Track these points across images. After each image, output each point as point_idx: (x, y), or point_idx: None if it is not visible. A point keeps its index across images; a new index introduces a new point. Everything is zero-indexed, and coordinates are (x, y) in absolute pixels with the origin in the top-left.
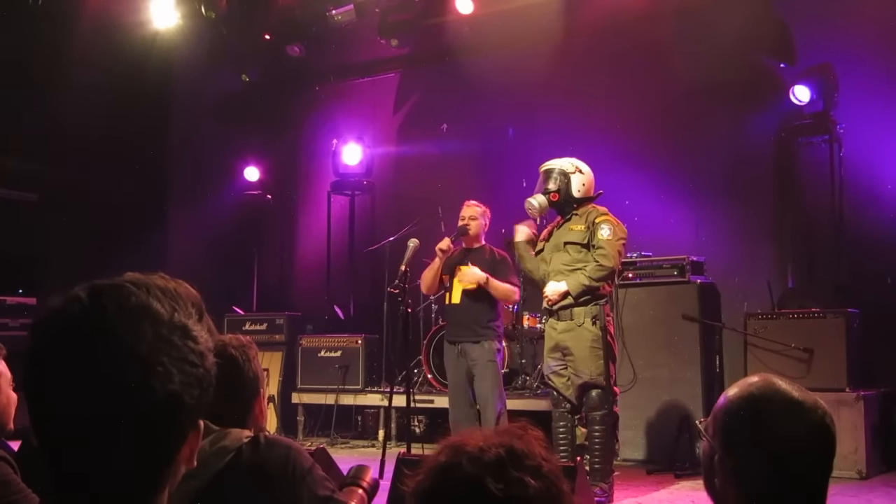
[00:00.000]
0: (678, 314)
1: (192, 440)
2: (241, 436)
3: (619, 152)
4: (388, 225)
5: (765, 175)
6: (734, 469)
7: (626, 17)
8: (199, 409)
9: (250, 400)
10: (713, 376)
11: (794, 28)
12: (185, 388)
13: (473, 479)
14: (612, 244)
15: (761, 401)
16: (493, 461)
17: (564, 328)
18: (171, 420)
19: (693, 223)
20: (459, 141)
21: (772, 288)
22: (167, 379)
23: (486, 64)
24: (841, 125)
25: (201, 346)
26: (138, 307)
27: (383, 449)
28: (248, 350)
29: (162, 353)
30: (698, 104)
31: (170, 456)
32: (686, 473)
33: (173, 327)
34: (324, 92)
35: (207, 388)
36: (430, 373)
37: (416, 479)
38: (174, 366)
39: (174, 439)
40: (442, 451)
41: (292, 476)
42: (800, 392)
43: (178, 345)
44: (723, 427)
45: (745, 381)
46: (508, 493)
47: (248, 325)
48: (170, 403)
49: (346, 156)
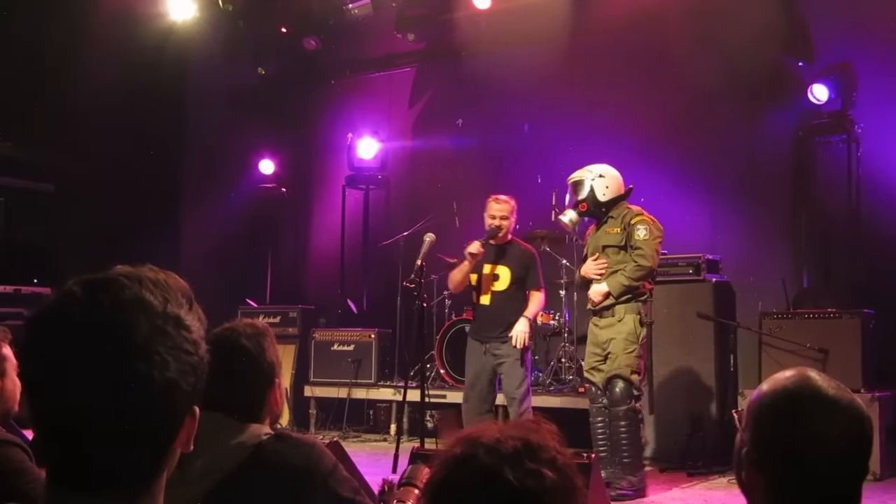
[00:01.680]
0: (693, 312)
1: (188, 426)
2: (260, 432)
3: (635, 149)
4: (402, 219)
5: (781, 174)
6: (760, 463)
7: (643, 13)
8: (194, 396)
9: (265, 389)
10: (727, 375)
11: (812, 26)
12: (182, 376)
13: (491, 470)
14: (650, 243)
15: (794, 397)
16: (510, 452)
17: (606, 324)
18: (169, 407)
19: (709, 221)
20: (475, 136)
21: (787, 287)
22: (164, 367)
23: (502, 59)
24: (859, 125)
25: (194, 334)
26: (133, 300)
27: (397, 443)
28: (262, 339)
29: (158, 343)
30: (715, 102)
31: (168, 442)
32: (699, 472)
33: (167, 318)
34: (339, 86)
35: (202, 375)
36: (442, 368)
37: (430, 470)
38: (170, 355)
39: (172, 426)
40: (457, 443)
41: (314, 475)
42: (836, 390)
43: (173, 334)
44: (753, 420)
45: (780, 375)
46: (525, 485)
47: (261, 317)
48: (167, 391)
49: (361, 150)
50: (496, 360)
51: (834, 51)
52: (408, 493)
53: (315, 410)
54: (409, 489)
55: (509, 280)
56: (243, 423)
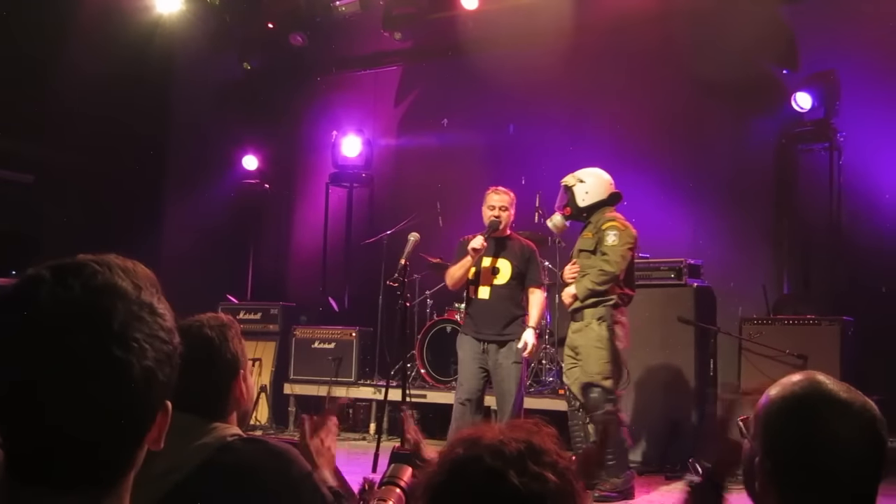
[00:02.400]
0: (674, 316)
1: (160, 421)
2: (227, 432)
3: (619, 153)
4: (385, 218)
5: (764, 180)
6: (774, 472)
7: (630, 18)
8: (168, 388)
9: (229, 381)
10: (707, 380)
11: (798, 34)
12: (158, 365)
13: (495, 473)
14: (616, 250)
15: (804, 401)
16: (514, 455)
17: (576, 328)
18: (145, 398)
19: (691, 226)
20: (460, 136)
21: (767, 293)
22: (142, 355)
23: (488, 60)
24: (841, 133)
25: (168, 323)
26: (105, 285)
27: (377, 443)
28: (226, 330)
29: (135, 329)
30: (700, 107)
31: (139, 437)
32: (677, 476)
33: (141, 304)
34: (325, 83)
35: (176, 367)
36: (423, 368)
37: (430, 471)
38: (147, 342)
39: (146, 420)
40: (457, 444)
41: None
42: (847, 392)
43: (149, 321)
44: (763, 428)
45: (788, 380)
46: (529, 488)
47: (242, 313)
48: (145, 380)
49: (346, 147)
50: (493, 360)
51: (818, 59)
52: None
53: (294, 408)
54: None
55: (510, 274)
56: (209, 422)
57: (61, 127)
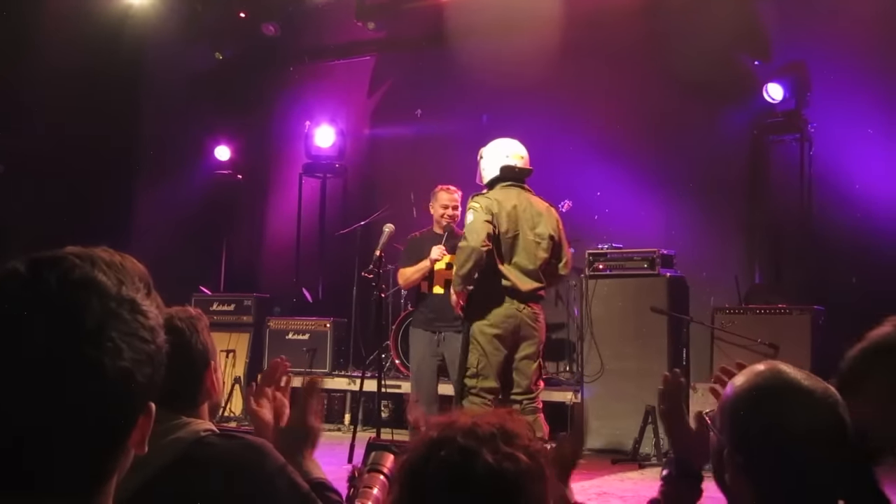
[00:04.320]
0: (647, 306)
1: (142, 424)
2: (201, 427)
3: (592, 144)
4: (359, 209)
5: (736, 171)
6: (743, 465)
7: (603, 11)
8: (150, 390)
9: (200, 372)
10: (680, 369)
11: (769, 25)
12: (136, 366)
13: (469, 450)
14: (470, 226)
15: (768, 391)
16: (487, 435)
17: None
18: (122, 400)
19: (664, 216)
20: (433, 126)
21: (739, 283)
22: (117, 355)
23: (462, 50)
24: (812, 124)
25: (151, 321)
26: (83, 279)
27: (353, 433)
28: (196, 322)
29: (111, 327)
30: (673, 99)
31: (119, 441)
32: (650, 464)
33: (121, 300)
34: (298, 73)
35: (159, 367)
36: (397, 358)
37: (406, 453)
38: (124, 341)
39: (125, 422)
40: (432, 427)
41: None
42: (809, 380)
43: (128, 319)
44: (730, 420)
45: (751, 370)
46: (502, 466)
47: (215, 305)
48: (120, 381)
49: (319, 138)
50: (450, 347)
51: (790, 50)
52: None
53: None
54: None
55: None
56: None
57: (30, 117)
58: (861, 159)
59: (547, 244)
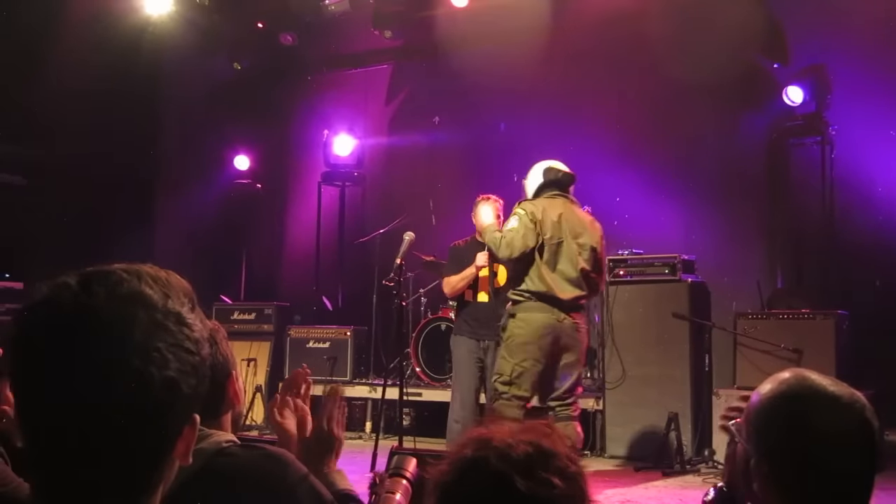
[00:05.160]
0: (668, 312)
1: (187, 435)
2: (223, 438)
3: (610, 149)
4: (378, 217)
5: (756, 175)
6: (771, 474)
7: (620, 14)
8: (194, 401)
9: (223, 381)
10: (702, 375)
11: (787, 28)
12: (182, 376)
13: (501, 476)
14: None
15: (794, 399)
16: (521, 459)
17: None
18: (168, 410)
19: (684, 222)
20: (451, 134)
21: (761, 288)
22: (164, 366)
23: (479, 57)
24: (833, 127)
25: (196, 333)
26: (130, 293)
27: (376, 441)
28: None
29: (157, 338)
30: (691, 103)
31: (165, 451)
32: (674, 472)
33: (167, 313)
34: (316, 82)
35: (203, 378)
36: (418, 366)
37: (439, 470)
38: (170, 352)
39: (170, 432)
40: (467, 443)
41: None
42: (835, 386)
43: (174, 330)
44: (756, 429)
45: (776, 378)
46: (535, 493)
47: (236, 314)
48: (167, 391)
49: (338, 147)
50: (493, 356)
51: (809, 53)
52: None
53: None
54: (398, 480)
55: (507, 277)
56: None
57: (52, 129)
58: (883, 161)
59: (589, 255)
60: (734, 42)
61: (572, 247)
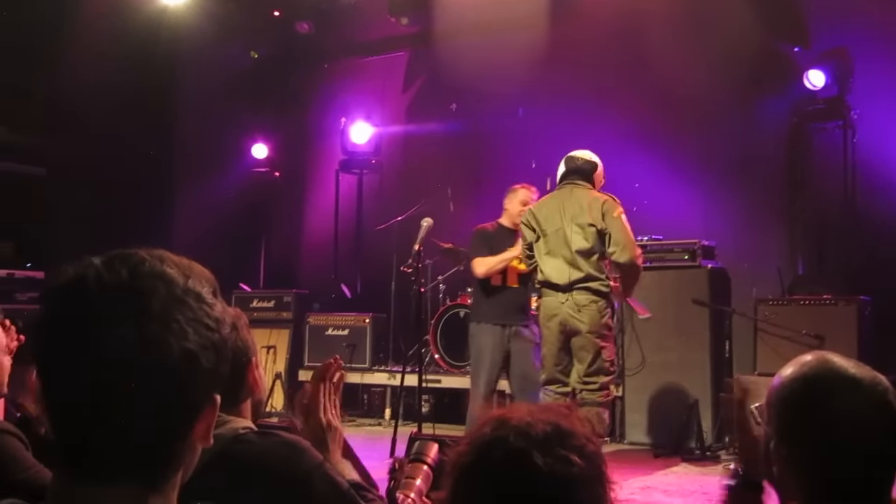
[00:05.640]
0: (688, 298)
1: (207, 415)
2: (238, 426)
3: (629, 135)
4: (395, 204)
5: (777, 160)
6: (790, 456)
7: None
8: (215, 379)
9: (242, 369)
10: (722, 361)
11: (808, 11)
12: (202, 350)
13: (520, 453)
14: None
15: (815, 381)
16: (540, 436)
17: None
18: (188, 384)
19: (704, 207)
20: (469, 121)
21: (782, 274)
22: (182, 337)
23: (497, 43)
24: (855, 111)
25: (216, 313)
26: (152, 270)
27: (395, 427)
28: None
29: (176, 311)
30: (711, 87)
31: (185, 428)
32: (693, 458)
33: (187, 290)
34: (332, 70)
35: (224, 358)
36: (437, 353)
37: (458, 450)
38: (190, 325)
39: (190, 408)
40: (486, 423)
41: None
42: (858, 368)
43: (193, 306)
44: (776, 411)
45: (798, 360)
46: (553, 469)
47: (255, 302)
48: (185, 363)
49: (355, 134)
50: (516, 346)
51: (830, 36)
52: (417, 470)
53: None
54: (419, 465)
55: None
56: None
57: (70, 119)
58: None
59: (589, 233)
60: (755, 25)
61: (569, 231)
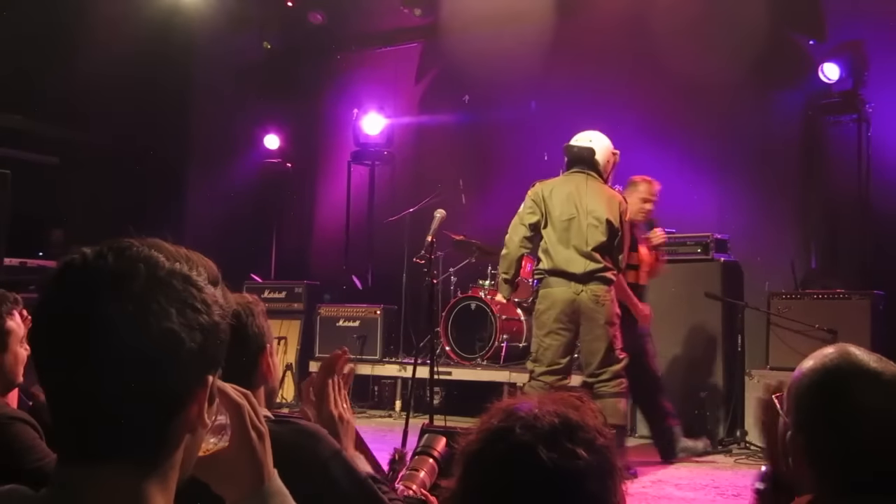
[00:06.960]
0: (700, 292)
1: (199, 397)
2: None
3: (642, 127)
4: (407, 196)
5: (791, 153)
6: (807, 447)
7: None
8: (205, 361)
9: (256, 355)
10: (734, 355)
11: (824, 4)
12: (185, 331)
13: (525, 447)
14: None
15: (835, 373)
16: (546, 430)
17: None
18: (173, 364)
19: (717, 200)
20: (481, 113)
21: (795, 268)
22: (163, 317)
23: (510, 35)
24: (870, 104)
25: (207, 296)
26: (137, 254)
27: (406, 419)
28: (252, 306)
29: (158, 292)
30: (725, 80)
31: (174, 408)
32: (705, 452)
33: (173, 272)
34: (345, 60)
35: (215, 340)
36: (448, 345)
37: (467, 440)
38: (172, 306)
39: (177, 387)
40: (495, 413)
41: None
42: (879, 363)
43: (178, 288)
44: (795, 403)
45: (819, 353)
46: (559, 464)
47: (266, 292)
48: (167, 341)
49: (367, 125)
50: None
51: (845, 29)
52: (423, 462)
53: None
54: (425, 458)
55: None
56: None
57: (84, 109)
58: None
59: (605, 228)
60: (769, 18)
61: (586, 222)
